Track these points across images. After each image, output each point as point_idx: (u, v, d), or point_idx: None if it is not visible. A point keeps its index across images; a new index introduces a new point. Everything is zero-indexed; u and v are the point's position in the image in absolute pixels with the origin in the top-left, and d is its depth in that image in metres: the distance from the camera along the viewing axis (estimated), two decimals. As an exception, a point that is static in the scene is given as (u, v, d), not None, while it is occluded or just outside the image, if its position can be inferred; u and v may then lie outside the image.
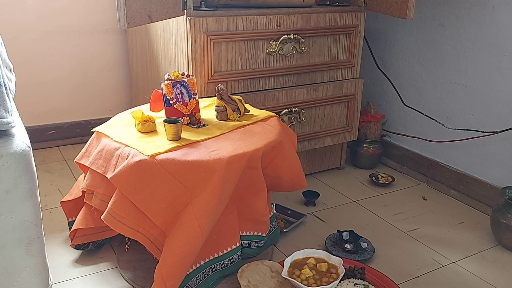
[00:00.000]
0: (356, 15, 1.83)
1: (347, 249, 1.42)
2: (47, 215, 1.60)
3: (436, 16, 1.87)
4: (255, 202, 1.28)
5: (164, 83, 1.28)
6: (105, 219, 1.11)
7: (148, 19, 1.37)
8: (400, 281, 1.34)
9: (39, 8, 2.05)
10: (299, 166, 1.38)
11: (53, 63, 2.14)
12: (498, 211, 1.53)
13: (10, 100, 0.96)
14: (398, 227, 1.64)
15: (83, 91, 2.24)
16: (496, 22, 1.67)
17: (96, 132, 1.27)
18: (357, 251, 1.43)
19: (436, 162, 1.95)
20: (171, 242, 1.10)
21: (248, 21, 1.60)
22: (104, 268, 1.35)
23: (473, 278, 1.38)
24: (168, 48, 1.70)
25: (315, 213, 1.71)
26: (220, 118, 1.36)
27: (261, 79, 1.70)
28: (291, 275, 1.22)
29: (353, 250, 1.42)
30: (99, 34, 2.20)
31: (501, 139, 1.71)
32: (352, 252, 1.42)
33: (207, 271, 1.21)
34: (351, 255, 1.41)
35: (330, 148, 2.03)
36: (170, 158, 1.10)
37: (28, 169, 0.95)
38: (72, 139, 2.25)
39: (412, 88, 2.02)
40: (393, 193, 1.90)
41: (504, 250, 1.52)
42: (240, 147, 1.18)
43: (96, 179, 1.20)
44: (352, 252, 1.42)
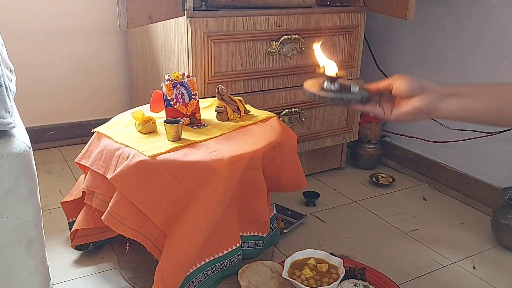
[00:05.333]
0: (357, 16, 1.83)
1: (328, 89, 0.92)
2: (48, 216, 1.60)
3: (436, 17, 1.87)
4: (255, 202, 1.28)
5: (165, 83, 1.28)
6: (105, 220, 1.11)
7: (149, 20, 1.37)
8: (401, 282, 1.34)
9: (40, 9, 2.05)
10: (300, 166, 1.38)
11: (53, 64, 2.14)
12: (498, 212, 1.53)
13: (10, 101, 0.96)
14: (399, 227, 1.64)
15: (84, 91, 2.24)
16: (496, 22, 1.67)
17: (97, 132, 1.27)
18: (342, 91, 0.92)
19: (436, 163, 1.95)
20: (172, 242, 1.10)
21: (248, 21, 1.60)
22: (105, 269, 1.35)
23: (473, 279, 1.38)
24: (169, 48, 1.70)
25: (316, 213, 1.71)
26: (220, 118, 1.36)
27: (261, 80, 1.70)
28: (292, 275, 1.22)
29: (335, 90, 0.92)
30: (100, 34, 2.20)
31: (501, 140, 1.71)
32: (336, 91, 0.91)
33: (207, 271, 1.21)
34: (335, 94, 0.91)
35: (330, 149, 2.02)
36: (170, 159, 1.10)
37: (29, 169, 0.95)
38: (73, 139, 2.25)
39: (413, 89, 2.02)
40: (394, 194, 1.90)
41: (505, 251, 1.52)
42: (241, 148, 1.18)
43: (97, 180, 1.20)
44: (337, 92, 0.91)
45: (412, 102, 0.86)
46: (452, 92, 0.85)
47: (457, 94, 0.85)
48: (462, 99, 0.84)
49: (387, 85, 0.90)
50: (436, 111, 0.85)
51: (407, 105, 0.86)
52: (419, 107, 0.85)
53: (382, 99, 0.92)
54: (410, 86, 0.86)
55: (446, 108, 0.85)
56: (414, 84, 0.86)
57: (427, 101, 0.85)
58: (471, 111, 0.84)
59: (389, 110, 0.90)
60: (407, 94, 0.86)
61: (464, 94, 0.85)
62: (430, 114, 0.86)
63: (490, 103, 0.83)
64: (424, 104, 0.85)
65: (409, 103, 0.86)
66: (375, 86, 0.92)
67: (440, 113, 0.85)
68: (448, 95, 0.85)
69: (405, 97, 0.87)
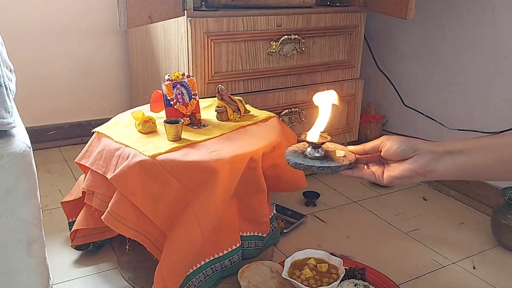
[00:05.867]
0: (357, 16, 1.83)
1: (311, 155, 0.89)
2: (48, 216, 1.60)
3: (436, 17, 1.87)
4: (255, 202, 1.28)
5: (165, 83, 1.28)
6: (105, 220, 1.11)
7: (149, 20, 1.37)
8: (401, 282, 1.34)
9: (40, 8, 2.05)
10: (300, 166, 1.37)
11: (53, 64, 2.14)
12: (498, 212, 1.53)
13: (10, 101, 0.96)
14: (398, 227, 1.64)
15: (84, 91, 2.24)
16: (496, 22, 1.67)
17: (97, 132, 1.27)
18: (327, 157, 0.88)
19: (436, 163, 1.95)
20: (172, 242, 1.10)
21: (248, 21, 1.60)
22: (105, 269, 1.35)
23: (473, 279, 1.38)
24: (169, 48, 1.70)
25: (316, 213, 1.71)
26: (220, 118, 1.36)
27: (261, 80, 1.70)
28: (292, 275, 1.22)
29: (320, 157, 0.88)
30: (100, 34, 2.20)
31: (501, 140, 1.71)
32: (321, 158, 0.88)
33: (207, 271, 1.21)
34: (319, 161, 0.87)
35: (330, 149, 2.02)
36: (170, 159, 1.10)
37: (29, 169, 0.95)
38: (73, 139, 2.25)
39: (413, 89, 2.02)
40: (394, 194, 1.90)
41: (505, 251, 1.52)
42: (241, 148, 1.18)
43: (97, 180, 1.20)
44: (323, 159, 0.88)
45: (405, 165, 0.82)
46: (446, 150, 0.81)
47: (452, 152, 0.81)
48: (459, 157, 0.80)
49: (375, 147, 0.86)
50: (433, 172, 0.81)
51: (401, 167, 0.82)
52: (414, 169, 0.81)
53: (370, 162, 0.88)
54: (402, 148, 0.82)
55: (443, 168, 0.80)
56: (405, 146, 0.82)
57: (422, 162, 0.80)
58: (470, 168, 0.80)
59: (380, 173, 0.85)
60: (399, 156, 0.82)
61: (459, 151, 0.80)
62: (427, 175, 0.81)
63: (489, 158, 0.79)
64: (420, 166, 0.81)
65: (402, 165, 0.82)
66: (361, 148, 0.88)
67: (437, 174, 0.81)
68: (443, 154, 0.81)
69: (396, 159, 0.83)
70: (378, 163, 0.87)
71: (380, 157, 0.86)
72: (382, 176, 0.85)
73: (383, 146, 0.84)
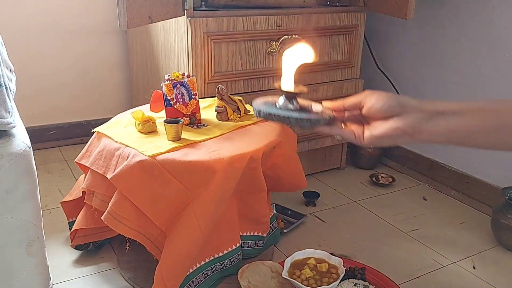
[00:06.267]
0: (356, 15, 1.83)
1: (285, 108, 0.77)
2: (48, 216, 1.60)
3: (436, 17, 1.87)
4: (255, 202, 1.28)
5: (165, 83, 1.28)
6: (105, 220, 1.11)
7: (149, 20, 1.37)
8: (401, 282, 1.34)
9: (40, 8, 2.05)
10: (300, 166, 1.38)
11: (53, 64, 2.14)
12: (498, 212, 1.53)
13: (10, 101, 0.96)
14: (399, 227, 1.64)
15: (84, 91, 2.24)
16: (496, 22, 1.67)
17: (97, 132, 1.27)
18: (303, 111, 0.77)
19: (436, 163, 1.95)
20: (172, 242, 1.10)
21: (248, 21, 1.60)
22: (105, 269, 1.35)
23: (473, 279, 1.38)
24: (169, 48, 1.70)
25: (316, 213, 1.71)
26: (220, 118, 1.36)
27: (261, 80, 1.70)
28: (292, 275, 1.22)
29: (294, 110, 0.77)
30: (100, 34, 2.20)
31: (501, 140, 1.71)
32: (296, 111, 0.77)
33: (207, 271, 1.21)
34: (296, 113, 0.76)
35: (330, 149, 2.02)
36: (170, 159, 1.10)
37: (29, 169, 0.95)
38: (73, 139, 2.24)
39: (412, 88, 2.02)
40: (394, 194, 1.90)
41: (505, 251, 1.52)
42: (241, 148, 1.18)
43: (97, 180, 1.20)
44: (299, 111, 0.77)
45: (391, 123, 0.71)
46: (438, 111, 0.71)
47: (445, 113, 0.70)
48: (452, 119, 0.70)
49: (356, 103, 0.76)
50: (422, 133, 0.70)
51: (385, 125, 0.72)
52: (402, 128, 0.70)
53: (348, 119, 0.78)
54: (389, 105, 0.71)
55: (433, 129, 0.70)
56: (392, 101, 0.71)
57: (410, 120, 0.70)
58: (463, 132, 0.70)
59: (360, 132, 0.75)
60: (385, 114, 0.72)
61: (453, 113, 0.70)
62: (415, 136, 0.71)
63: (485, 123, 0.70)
64: (407, 125, 0.70)
65: (387, 123, 0.72)
66: (340, 105, 0.77)
67: (427, 135, 0.71)
68: (434, 113, 0.70)
69: (380, 117, 0.73)
70: (357, 122, 0.77)
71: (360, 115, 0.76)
72: (362, 136, 0.75)
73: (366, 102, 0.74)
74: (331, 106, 0.78)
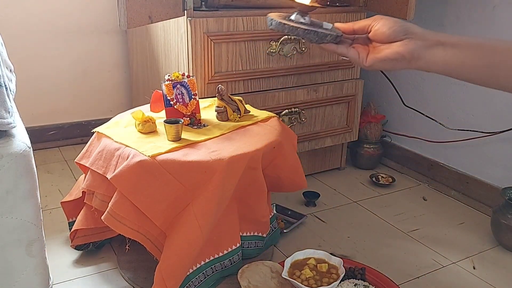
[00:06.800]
0: (356, 16, 1.83)
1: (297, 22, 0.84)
2: (48, 216, 1.60)
3: (436, 16, 1.87)
4: (255, 202, 1.28)
5: (165, 83, 1.28)
6: (105, 220, 1.11)
7: (149, 20, 1.37)
8: (401, 282, 1.34)
9: (40, 8, 2.05)
10: (299, 166, 1.38)
11: (53, 64, 2.14)
12: (498, 212, 1.53)
13: (10, 101, 0.96)
14: (399, 227, 1.64)
15: (84, 91, 2.24)
16: (497, 22, 1.67)
17: (97, 132, 1.27)
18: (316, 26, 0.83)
19: (436, 163, 1.95)
20: (172, 242, 1.10)
21: (248, 21, 1.60)
22: (105, 269, 1.35)
23: (473, 279, 1.38)
24: (169, 48, 1.70)
25: (316, 213, 1.71)
26: (220, 118, 1.36)
27: (261, 80, 1.70)
28: (292, 275, 1.22)
29: (306, 23, 0.83)
30: (100, 34, 2.20)
31: (501, 140, 1.71)
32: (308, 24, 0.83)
33: (207, 271, 1.21)
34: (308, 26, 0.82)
35: (330, 149, 2.02)
36: (170, 159, 1.10)
37: (29, 169, 0.95)
38: (73, 139, 2.25)
39: (413, 89, 2.02)
40: (394, 194, 1.90)
41: (505, 251, 1.52)
42: (241, 148, 1.18)
43: (97, 180, 1.20)
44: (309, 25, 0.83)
45: (393, 47, 0.76)
46: (439, 41, 0.75)
47: (445, 44, 0.75)
48: (450, 50, 0.74)
49: (365, 26, 0.80)
50: (420, 60, 0.75)
51: (387, 50, 0.76)
52: (401, 53, 0.75)
53: (356, 41, 0.82)
54: (394, 29, 0.76)
55: (430, 58, 0.75)
56: (397, 27, 0.76)
57: (411, 47, 0.74)
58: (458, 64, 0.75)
59: (365, 54, 0.79)
60: (389, 37, 0.76)
61: (452, 45, 0.75)
62: (412, 62, 0.76)
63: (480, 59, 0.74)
64: (407, 50, 0.75)
65: (389, 47, 0.76)
66: (350, 26, 0.82)
67: (423, 63, 0.75)
68: (435, 43, 0.75)
69: (385, 41, 0.77)
70: (364, 44, 0.81)
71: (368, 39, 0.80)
72: (366, 58, 0.79)
73: (374, 26, 0.78)
74: (342, 26, 0.82)
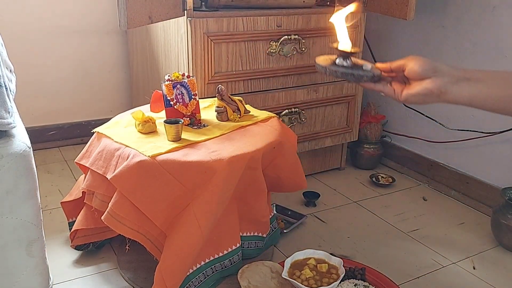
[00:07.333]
0: (357, 16, 1.83)
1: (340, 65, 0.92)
2: (48, 216, 1.60)
3: (436, 17, 1.87)
4: (255, 202, 1.28)
5: (165, 83, 1.28)
6: (105, 220, 1.11)
7: (149, 20, 1.37)
8: (401, 282, 1.34)
9: (40, 9, 2.05)
10: (299, 166, 1.38)
11: (53, 64, 2.14)
12: (498, 212, 1.53)
13: (10, 101, 0.97)
14: (399, 227, 1.64)
15: (84, 91, 2.24)
16: (496, 23, 1.67)
17: (97, 132, 1.27)
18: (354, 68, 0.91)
19: (436, 163, 1.95)
20: (172, 242, 1.10)
21: (248, 21, 1.60)
22: (105, 269, 1.35)
23: (473, 279, 1.38)
24: (169, 48, 1.70)
25: (316, 213, 1.71)
26: (220, 118, 1.36)
27: (261, 80, 1.70)
28: (292, 275, 1.22)
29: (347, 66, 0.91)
30: (100, 34, 2.20)
31: (501, 140, 1.71)
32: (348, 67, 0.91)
33: (207, 271, 1.21)
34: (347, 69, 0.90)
35: (330, 149, 2.02)
36: (170, 159, 1.10)
37: (29, 169, 0.95)
38: (73, 139, 2.25)
39: (413, 89, 2.02)
40: (394, 194, 1.90)
41: (505, 251, 1.52)
42: (241, 148, 1.18)
43: (97, 180, 1.20)
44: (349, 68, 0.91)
45: (423, 84, 0.85)
46: (465, 76, 0.84)
47: (470, 79, 0.83)
48: (475, 84, 0.83)
49: (400, 66, 0.90)
50: (447, 94, 0.84)
51: (418, 86, 0.85)
52: (430, 88, 0.84)
53: (394, 80, 0.91)
54: (424, 68, 0.85)
55: (457, 92, 0.83)
56: (427, 66, 0.85)
57: (439, 83, 0.83)
58: (483, 97, 0.83)
59: (400, 91, 0.89)
60: (420, 75, 0.85)
61: (477, 79, 0.83)
62: (441, 96, 0.84)
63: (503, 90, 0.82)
64: (436, 86, 0.83)
65: (420, 84, 0.85)
66: (387, 66, 0.92)
67: (451, 97, 0.84)
68: (461, 79, 0.83)
69: (417, 79, 0.86)
70: (401, 82, 0.90)
71: (404, 76, 0.89)
72: (401, 93, 0.88)
73: (407, 65, 0.88)
74: (381, 66, 0.93)
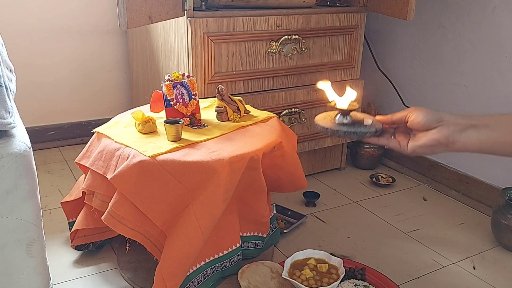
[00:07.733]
0: (357, 16, 1.83)
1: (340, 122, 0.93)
2: (48, 216, 1.60)
3: (437, 17, 1.87)
4: (255, 202, 1.28)
5: (165, 83, 1.28)
6: (105, 220, 1.11)
7: (149, 20, 1.37)
8: (401, 282, 1.34)
9: (40, 9, 2.05)
10: (300, 166, 1.38)
11: (53, 64, 2.14)
12: (498, 212, 1.53)
13: (10, 101, 0.96)
14: (399, 227, 1.64)
15: (84, 91, 2.24)
16: (497, 23, 1.67)
17: (97, 132, 1.27)
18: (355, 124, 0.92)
19: (436, 163, 1.95)
20: (172, 242, 1.10)
21: (248, 21, 1.60)
22: (105, 269, 1.35)
23: (473, 279, 1.38)
24: (169, 48, 1.70)
25: (316, 213, 1.71)
26: (220, 118, 1.36)
27: (261, 80, 1.70)
28: (292, 275, 1.22)
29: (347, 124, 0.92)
30: (100, 34, 2.20)
31: (501, 140, 1.71)
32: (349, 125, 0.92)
33: (207, 271, 1.21)
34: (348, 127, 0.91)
35: (330, 149, 2.02)
36: (170, 159, 1.10)
37: (29, 169, 0.95)
38: (73, 139, 2.25)
39: (413, 89, 2.02)
40: (394, 194, 1.90)
41: (505, 251, 1.52)
42: (241, 148, 1.18)
43: (97, 180, 1.20)
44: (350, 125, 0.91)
45: (429, 134, 0.83)
46: (471, 124, 0.82)
47: (477, 126, 0.82)
48: (483, 131, 0.81)
49: (402, 117, 0.88)
50: (455, 144, 0.82)
51: (425, 137, 0.84)
52: (438, 139, 0.82)
53: (397, 131, 0.91)
54: (427, 118, 0.84)
55: (466, 140, 0.82)
56: (431, 116, 0.84)
57: (445, 133, 0.82)
58: (492, 142, 0.82)
59: (405, 143, 0.88)
60: (425, 126, 0.84)
61: (484, 125, 0.82)
62: (449, 146, 0.83)
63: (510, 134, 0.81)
64: (443, 136, 0.82)
65: (426, 135, 0.84)
66: (389, 118, 0.90)
67: (460, 145, 0.82)
68: (467, 126, 0.82)
69: (422, 129, 0.85)
70: (404, 133, 0.89)
71: (407, 127, 0.88)
72: (406, 146, 0.87)
73: (409, 116, 0.86)
74: (382, 119, 0.91)
